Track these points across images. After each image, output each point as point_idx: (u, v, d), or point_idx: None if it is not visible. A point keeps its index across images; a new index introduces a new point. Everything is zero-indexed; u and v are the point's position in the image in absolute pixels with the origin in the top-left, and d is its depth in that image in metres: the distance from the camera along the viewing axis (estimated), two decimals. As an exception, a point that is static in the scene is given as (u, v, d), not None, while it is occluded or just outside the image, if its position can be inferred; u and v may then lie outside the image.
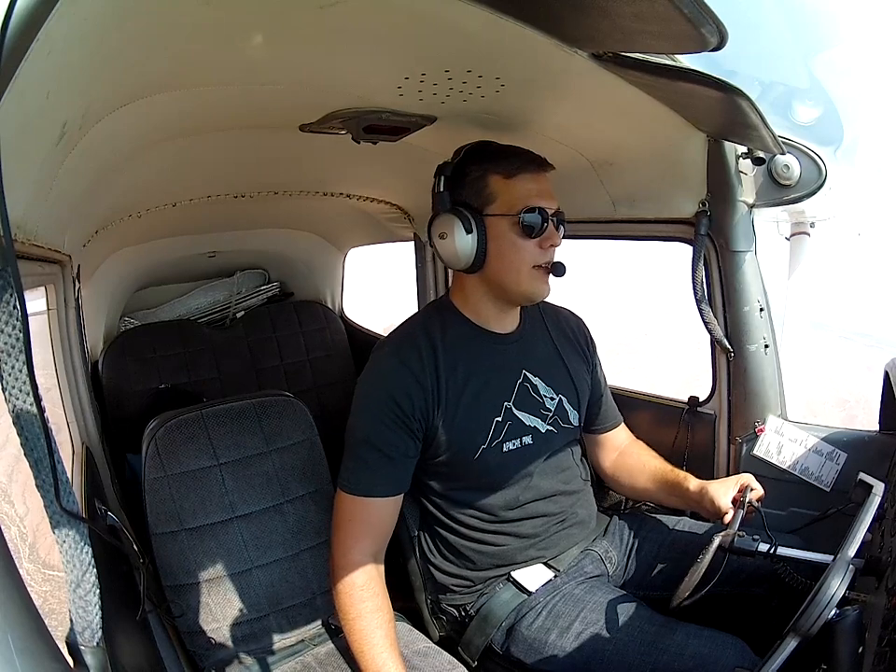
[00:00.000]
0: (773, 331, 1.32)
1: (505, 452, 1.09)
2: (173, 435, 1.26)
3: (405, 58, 0.87)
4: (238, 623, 1.24)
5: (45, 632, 0.43)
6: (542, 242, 1.03)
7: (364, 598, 1.01)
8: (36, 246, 0.94)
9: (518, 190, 1.02)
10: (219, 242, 2.31)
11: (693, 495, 1.12)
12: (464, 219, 1.02)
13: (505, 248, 1.03)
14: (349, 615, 1.01)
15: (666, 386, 5.65)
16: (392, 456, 1.03)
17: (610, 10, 0.65)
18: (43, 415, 0.47)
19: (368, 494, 1.03)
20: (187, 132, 1.12)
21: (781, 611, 0.93)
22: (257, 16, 0.67)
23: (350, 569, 1.02)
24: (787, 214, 1.32)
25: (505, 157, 1.03)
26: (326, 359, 2.59)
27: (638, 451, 1.29)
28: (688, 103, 1.03)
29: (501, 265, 1.04)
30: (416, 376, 1.03)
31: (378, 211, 2.10)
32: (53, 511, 0.48)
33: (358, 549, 1.03)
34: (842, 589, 0.74)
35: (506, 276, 1.05)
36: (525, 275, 1.04)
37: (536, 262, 1.04)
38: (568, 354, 1.20)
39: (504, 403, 1.10)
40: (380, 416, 1.03)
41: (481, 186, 1.03)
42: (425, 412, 1.04)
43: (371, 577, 1.03)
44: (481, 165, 1.04)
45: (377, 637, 0.98)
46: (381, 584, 1.04)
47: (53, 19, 0.47)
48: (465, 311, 1.11)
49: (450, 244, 1.03)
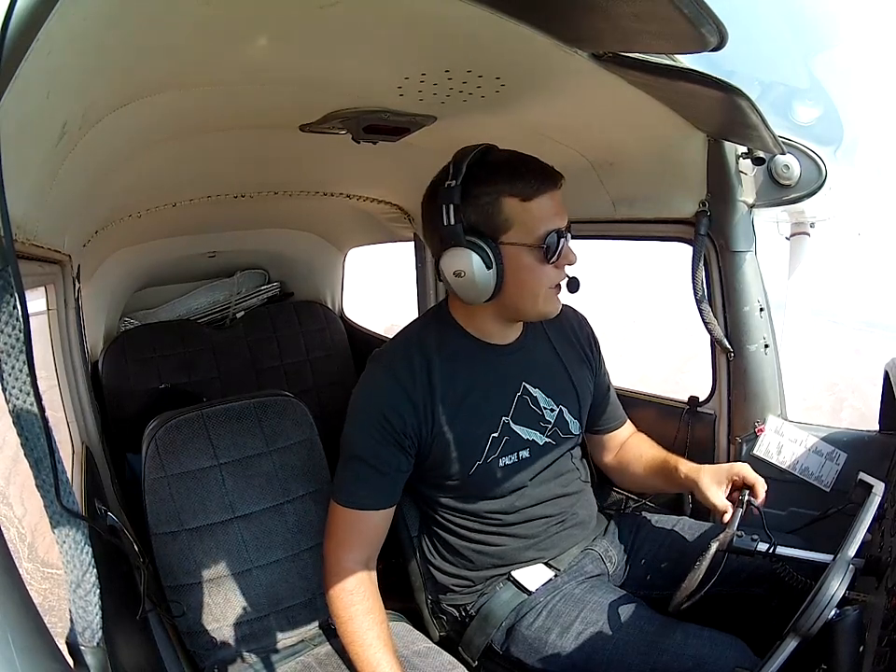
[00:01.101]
0: (773, 331, 1.32)
1: (501, 467, 1.08)
2: (173, 435, 1.26)
3: (405, 58, 0.87)
4: (238, 623, 1.24)
5: (45, 632, 0.43)
6: (559, 262, 0.99)
7: (355, 602, 1.02)
8: (36, 246, 0.94)
9: (538, 215, 0.95)
10: (219, 242, 2.31)
11: (687, 482, 1.10)
12: (482, 254, 0.94)
13: (524, 276, 0.97)
14: (342, 618, 1.02)
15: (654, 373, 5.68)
16: (384, 472, 1.03)
17: (610, 10, 0.65)
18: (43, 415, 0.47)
19: (360, 507, 1.04)
20: (187, 132, 1.12)
21: (781, 611, 0.93)
22: (257, 16, 0.67)
23: (342, 576, 1.03)
24: (787, 214, 1.32)
25: (519, 175, 0.94)
26: (326, 359, 2.59)
27: (637, 442, 1.28)
28: (688, 103, 1.03)
29: (520, 292, 0.99)
30: (408, 393, 1.02)
31: (378, 211, 2.10)
32: (53, 511, 0.48)
33: (350, 557, 1.04)
34: (842, 589, 0.74)
35: (523, 302, 1.01)
36: (543, 298, 1.01)
37: (553, 283, 1.01)
38: (571, 359, 1.18)
39: (502, 418, 1.08)
40: (371, 432, 1.02)
41: (494, 211, 0.94)
42: (416, 429, 1.03)
43: (362, 581, 1.04)
44: (493, 186, 0.94)
45: (370, 638, 0.99)
46: (372, 588, 1.05)
47: (53, 19, 0.47)
48: (466, 325, 1.08)
49: (468, 282, 0.95)
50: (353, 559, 1.04)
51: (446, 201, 0.94)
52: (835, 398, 5.22)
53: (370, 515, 1.04)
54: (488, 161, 0.97)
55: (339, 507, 1.05)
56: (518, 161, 0.97)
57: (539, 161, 0.98)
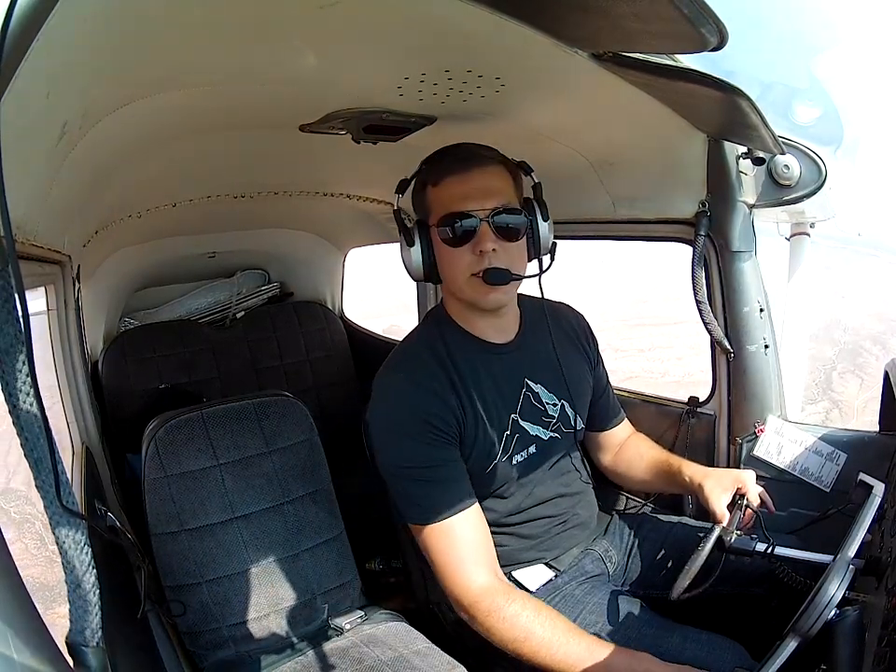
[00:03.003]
0: (773, 332, 1.32)
1: (514, 464, 1.08)
2: (173, 435, 1.26)
3: (405, 58, 0.87)
4: (238, 623, 1.24)
5: (45, 632, 0.43)
6: (474, 248, 0.98)
7: (519, 612, 0.92)
8: (36, 246, 0.94)
9: (442, 197, 1.00)
10: (219, 242, 2.31)
11: (690, 485, 1.10)
12: (406, 232, 1.04)
13: (441, 259, 1.03)
14: (517, 639, 0.91)
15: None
16: (451, 471, 1.00)
17: (610, 10, 0.65)
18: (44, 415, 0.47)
19: (449, 515, 0.97)
20: (187, 132, 1.12)
21: (781, 612, 0.93)
22: (257, 16, 0.67)
23: (485, 597, 0.94)
24: (787, 214, 1.32)
25: (435, 161, 1.02)
26: (326, 360, 2.59)
27: (637, 442, 1.28)
28: (688, 103, 1.03)
29: (444, 276, 1.04)
30: (438, 395, 1.01)
31: (378, 211, 2.10)
32: (53, 512, 0.48)
33: (477, 572, 0.96)
34: (842, 589, 0.74)
35: (451, 286, 1.05)
36: (464, 285, 1.01)
37: (472, 271, 0.99)
38: (569, 355, 1.19)
39: (511, 415, 1.08)
40: (420, 440, 0.99)
41: (422, 198, 1.04)
42: (455, 426, 1.02)
43: (507, 589, 0.96)
44: (421, 177, 1.04)
45: (560, 634, 0.89)
46: (519, 591, 0.98)
47: (53, 19, 0.47)
48: (462, 323, 1.09)
49: (405, 257, 1.06)
50: (480, 572, 0.96)
51: (399, 191, 1.07)
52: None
53: (463, 518, 0.98)
54: (434, 154, 1.05)
55: (428, 528, 0.97)
56: (444, 149, 1.04)
57: (468, 146, 1.03)
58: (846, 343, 7.12)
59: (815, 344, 7.14)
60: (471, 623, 0.96)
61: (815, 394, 6.12)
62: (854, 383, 6.35)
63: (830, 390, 6.24)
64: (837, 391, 6.21)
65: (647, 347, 7.21)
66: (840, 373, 6.54)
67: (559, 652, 0.89)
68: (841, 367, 6.62)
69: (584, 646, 0.89)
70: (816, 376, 6.39)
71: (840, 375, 6.51)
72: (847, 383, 6.38)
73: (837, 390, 6.22)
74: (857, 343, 7.05)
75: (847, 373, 6.55)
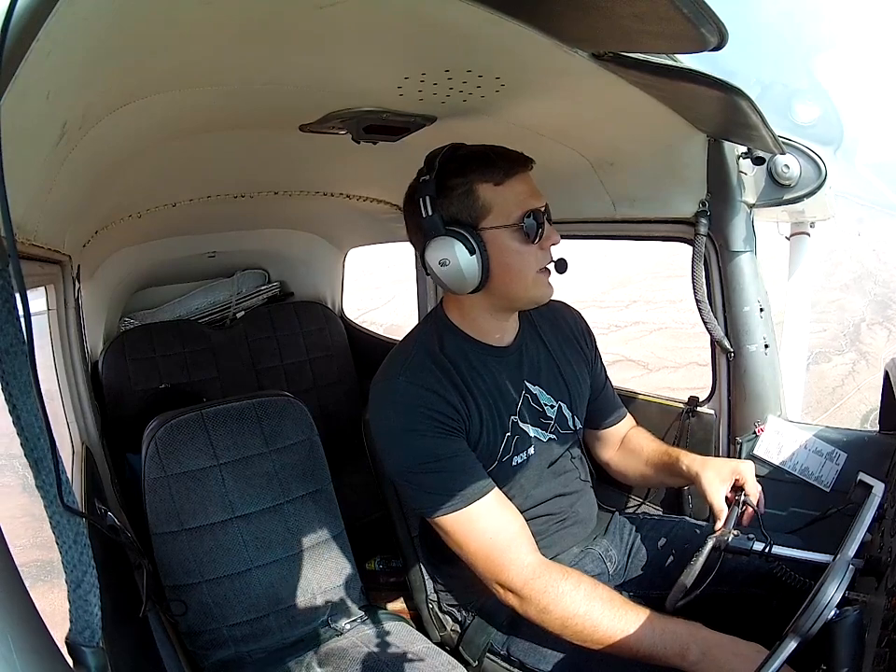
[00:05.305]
0: (773, 331, 1.32)
1: (513, 466, 1.08)
2: (173, 435, 1.26)
3: (405, 58, 0.87)
4: (238, 622, 1.24)
5: (45, 632, 0.43)
6: (543, 243, 0.99)
7: (577, 585, 0.90)
8: (36, 246, 0.94)
9: (512, 197, 0.97)
10: (219, 242, 2.31)
11: (688, 475, 1.10)
12: (463, 240, 0.94)
13: (510, 259, 0.98)
14: (579, 615, 0.88)
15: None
16: (467, 458, 0.99)
17: (610, 10, 0.65)
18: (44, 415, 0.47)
19: (479, 497, 0.95)
20: (187, 132, 1.12)
21: (781, 612, 0.93)
22: (256, 16, 0.67)
23: (539, 575, 0.91)
24: (787, 214, 1.32)
25: (489, 162, 0.96)
26: (326, 360, 2.59)
27: (637, 436, 1.28)
28: (688, 103, 1.03)
29: (508, 277, 0.99)
30: (442, 396, 1.00)
31: (378, 211, 2.10)
32: (54, 511, 0.48)
33: (525, 551, 0.94)
34: (842, 589, 0.74)
35: (513, 287, 1.01)
36: (532, 281, 1.00)
37: (540, 265, 1.00)
38: (567, 355, 1.19)
39: (511, 418, 1.08)
40: (430, 434, 0.97)
41: (470, 199, 0.96)
42: (461, 421, 1.01)
43: (557, 565, 0.94)
44: (465, 176, 0.96)
45: (619, 605, 0.88)
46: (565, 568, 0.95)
47: (53, 19, 0.47)
48: (463, 327, 1.08)
49: (454, 270, 0.95)
50: (521, 554, 0.93)
51: (423, 194, 0.96)
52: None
53: (495, 499, 0.97)
54: (459, 154, 0.99)
55: (454, 518, 0.95)
56: (486, 149, 0.99)
57: (506, 148, 1.00)
58: (876, 294, 7.07)
59: (845, 294, 7.10)
60: (524, 605, 0.93)
61: (842, 345, 6.07)
62: (882, 334, 6.33)
63: (858, 341, 6.20)
64: (865, 342, 6.17)
65: (678, 299, 7.07)
66: (869, 325, 6.50)
67: (620, 622, 0.87)
68: (870, 318, 6.59)
69: (645, 616, 0.87)
70: (844, 327, 6.35)
71: (869, 327, 6.49)
72: (876, 334, 6.35)
73: (865, 341, 6.19)
74: (886, 296, 7.04)
75: (876, 325, 6.52)
